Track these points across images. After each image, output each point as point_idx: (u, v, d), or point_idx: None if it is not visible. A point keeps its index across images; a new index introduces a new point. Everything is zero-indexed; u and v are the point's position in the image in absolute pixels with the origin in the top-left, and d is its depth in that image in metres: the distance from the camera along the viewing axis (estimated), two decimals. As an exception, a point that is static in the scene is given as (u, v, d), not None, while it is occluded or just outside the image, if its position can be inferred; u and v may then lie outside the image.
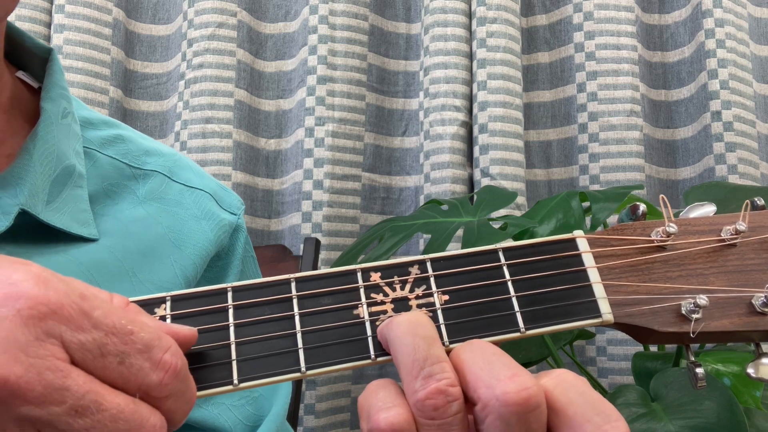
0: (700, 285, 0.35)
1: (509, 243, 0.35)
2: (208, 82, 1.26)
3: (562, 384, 0.30)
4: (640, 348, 1.15)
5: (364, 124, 1.32)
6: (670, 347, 1.13)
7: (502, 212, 1.16)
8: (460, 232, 0.97)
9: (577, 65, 1.33)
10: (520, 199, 1.25)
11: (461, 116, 1.28)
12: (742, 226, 0.36)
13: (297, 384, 1.02)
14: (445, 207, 1.08)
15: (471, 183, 1.29)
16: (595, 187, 1.28)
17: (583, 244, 0.36)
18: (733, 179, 1.23)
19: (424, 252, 0.95)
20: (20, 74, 0.53)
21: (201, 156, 1.24)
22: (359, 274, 0.34)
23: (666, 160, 1.35)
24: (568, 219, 0.94)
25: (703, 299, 0.34)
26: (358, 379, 1.27)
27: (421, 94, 1.33)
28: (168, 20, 1.37)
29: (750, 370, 0.34)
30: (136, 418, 0.28)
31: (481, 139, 1.25)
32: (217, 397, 0.54)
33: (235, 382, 0.31)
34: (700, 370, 0.34)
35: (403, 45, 1.39)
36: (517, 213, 1.22)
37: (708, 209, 0.37)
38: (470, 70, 1.31)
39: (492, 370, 0.30)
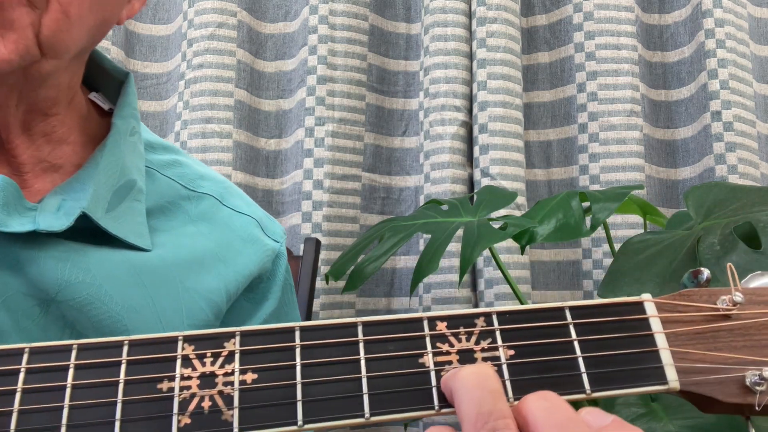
0: (766, 357, 0.34)
1: (576, 302, 0.36)
2: (208, 82, 1.26)
3: None
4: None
5: (364, 124, 1.32)
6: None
7: (502, 212, 1.16)
8: (460, 232, 0.97)
9: (577, 65, 1.33)
10: (520, 199, 1.25)
11: (461, 116, 1.28)
12: None
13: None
14: (445, 207, 1.08)
15: (471, 183, 1.29)
16: (595, 187, 1.28)
17: (650, 308, 0.36)
18: (733, 179, 1.23)
19: (423, 252, 0.94)
20: (93, 96, 0.57)
21: (201, 156, 1.24)
22: (425, 323, 0.34)
23: (666, 160, 1.35)
24: (568, 219, 0.94)
25: None
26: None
27: (421, 94, 1.33)
28: (168, 20, 1.37)
29: None
30: None
31: (481, 139, 1.25)
32: None
33: (300, 423, 0.31)
34: None
35: (403, 45, 1.39)
36: (517, 213, 1.22)
37: None
38: (470, 70, 1.31)
39: None
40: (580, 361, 0.33)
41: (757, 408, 0.33)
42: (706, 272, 0.37)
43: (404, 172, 1.36)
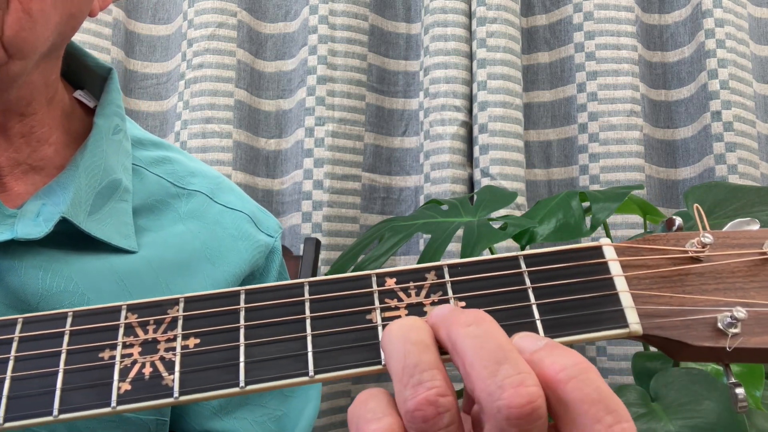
0: (740, 299, 0.32)
1: (531, 251, 0.34)
2: (208, 82, 1.26)
3: (580, 377, 0.27)
4: (640, 348, 1.15)
5: (364, 124, 1.32)
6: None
7: (502, 212, 1.15)
8: (460, 232, 0.97)
9: (577, 65, 1.33)
10: (520, 199, 1.25)
11: (461, 116, 1.28)
12: None
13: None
14: (445, 207, 1.08)
15: (471, 183, 1.29)
16: (595, 187, 1.28)
17: (609, 252, 0.33)
18: (733, 179, 1.23)
19: (423, 252, 0.94)
20: (78, 95, 0.56)
21: (201, 156, 1.24)
22: (374, 279, 0.33)
23: (666, 160, 1.35)
24: (568, 219, 0.94)
25: (741, 312, 0.31)
26: (357, 379, 1.27)
27: (421, 94, 1.33)
28: (168, 20, 1.37)
29: None
30: None
31: (481, 139, 1.25)
32: (239, 411, 0.55)
33: (242, 384, 0.31)
34: (740, 391, 0.31)
35: (403, 45, 1.39)
36: (517, 213, 1.22)
37: (752, 226, 0.35)
38: (470, 70, 1.31)
39: (497, 373, 0.27)
40: (534, 308, 0.32)
41: (728, 349, 0.31)
42: (678, 220, 0.35)
43: (404, 172, 1.36)
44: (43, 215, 0.47)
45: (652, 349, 1.13)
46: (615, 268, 0.33)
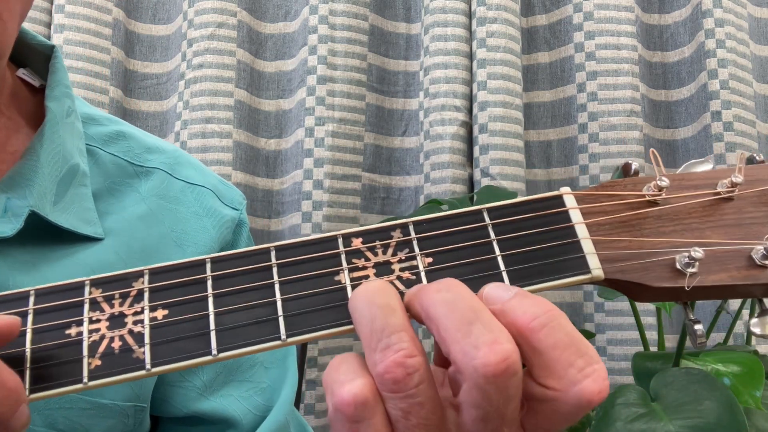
0: (696, 239, 0.33)
1: (493, 204, 0.34)
2: (208, 82, 1.26)
3: (550, 324, 0.28)
4: (641, 348, 1.15)
5: (364, 124, 1.32)
6: (670, 346, 1.13)
7: (502, 212, 1.15)
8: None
9: (577, 65, 1.33)
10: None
11: (461, 116, 1.28)
12: (738, 178, 0.34)
13: (297, 383, 1.02)
14: (445, 207, 1.08)
15: (471, 183, 1.29)
16: (595, 187, 1.28)
17: (570, 201, 0.34)
18: (733, 179, 1.23)
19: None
20: (21, 73, 0.54)
21: (201, 156, 1.24)
22: (340, 240, 0.33)
23: (666, 161, 1.35)
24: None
25: (698, 252, 0.32)
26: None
27: (421, 94, 1.33)
28: (168, 20, 1.37)
29: (755, 329, 0.32)
30: None
31: (481, 139, 1.25)
32: (225, 389, 0.55)
33: (214, 352, 0.31)
34: (699, 327, 0.32)
35: (403, 45, 1.39)
36: (517, 213, 1.22)
37: (705, 166, 0.36)
38: (470, 70, 1.31)
39: (470, 333, 0.28)
40: (500, 260, 0.32)
41: (687, 288, 0.32)
42: (635, 164, 0.36)
43: (404, 172, 1.36)
44: (10, 210, 0.45)
45: (653, 348, 1.13)
46: (576, 216, 0.34)
